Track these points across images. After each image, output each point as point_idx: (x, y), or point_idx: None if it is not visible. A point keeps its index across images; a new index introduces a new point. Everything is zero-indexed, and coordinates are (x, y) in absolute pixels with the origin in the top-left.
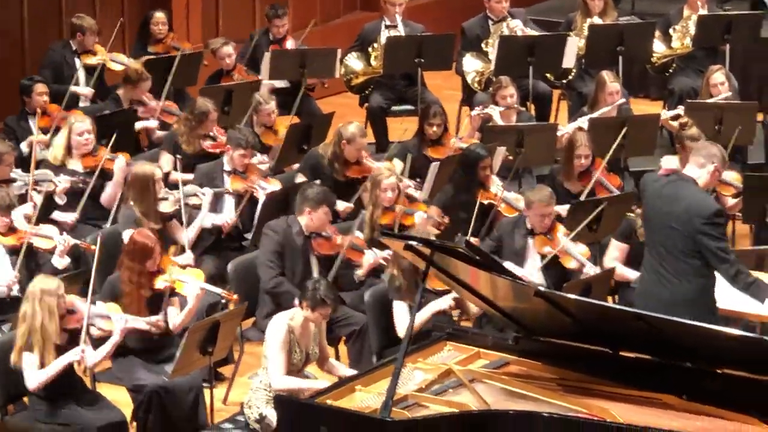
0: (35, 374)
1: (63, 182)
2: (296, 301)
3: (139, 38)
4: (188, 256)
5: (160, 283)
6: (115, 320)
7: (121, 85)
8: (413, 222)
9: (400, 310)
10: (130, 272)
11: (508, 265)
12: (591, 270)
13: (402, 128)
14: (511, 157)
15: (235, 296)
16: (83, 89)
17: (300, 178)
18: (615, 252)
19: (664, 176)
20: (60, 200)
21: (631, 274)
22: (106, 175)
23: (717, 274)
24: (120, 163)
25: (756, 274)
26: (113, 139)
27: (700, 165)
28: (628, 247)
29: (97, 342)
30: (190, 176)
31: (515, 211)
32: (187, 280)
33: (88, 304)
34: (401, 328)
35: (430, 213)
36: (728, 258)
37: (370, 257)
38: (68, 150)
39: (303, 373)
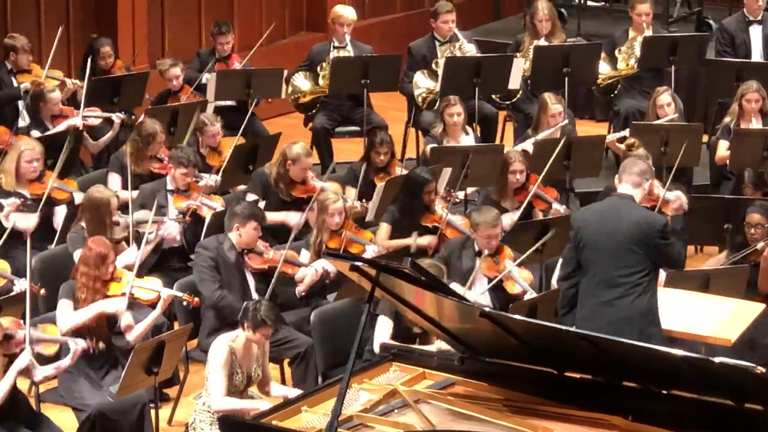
0: None
1: (8, 205)
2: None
3: (85, 68)
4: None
5: (114, 289)
6: (71, 344)
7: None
8: (362, 250)
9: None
10: (86, 278)
11: (455, 286)
12: (532, 296)
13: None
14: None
15: (197, 299)
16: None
17: (251, 197)
18: None
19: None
20: (6, 222)
21: None
22: (53, 202)
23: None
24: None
25: (701, 294)
26: (60, 162)
27: (636, 184)
28: None
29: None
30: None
31: (460, 235)
32: (149, 286)
33: (27, 327)
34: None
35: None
36: (679, 257)
37: (311, 272)
38: (16, 175)
39: (247, 393)
